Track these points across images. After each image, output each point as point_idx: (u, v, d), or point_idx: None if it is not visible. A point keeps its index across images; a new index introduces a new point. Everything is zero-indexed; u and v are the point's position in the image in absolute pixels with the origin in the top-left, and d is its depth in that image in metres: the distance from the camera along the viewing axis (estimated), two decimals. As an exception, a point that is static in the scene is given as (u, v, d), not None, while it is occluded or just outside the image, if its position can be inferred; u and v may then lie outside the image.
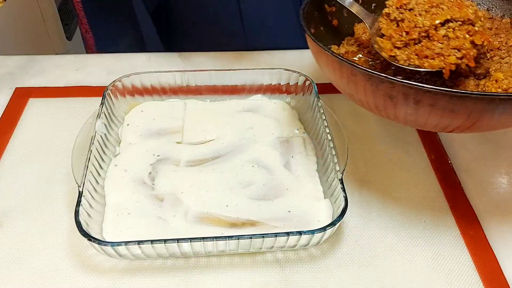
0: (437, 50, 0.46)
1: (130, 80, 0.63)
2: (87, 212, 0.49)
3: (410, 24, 0.47)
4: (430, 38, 0.46)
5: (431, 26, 0.46)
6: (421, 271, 0.50)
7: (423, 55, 0.46)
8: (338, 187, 0.50)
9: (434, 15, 0.46)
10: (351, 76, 0.47)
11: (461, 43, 0.45)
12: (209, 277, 0.49)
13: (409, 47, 0.48)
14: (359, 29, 0.62)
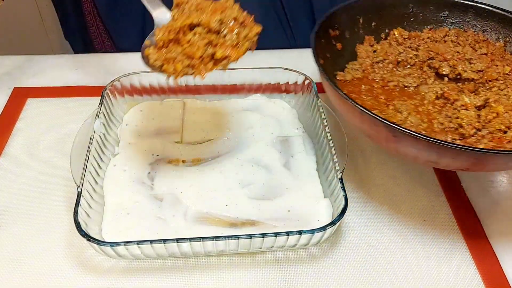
0: (174, 55, 0.43)
1: (129, 80, 0.63)
2: (86, 212, 0.48)
3: (174, 24, 0.45)
4: (179, 41, 0.43)
5: (181, 28, 0.43)
6: (421, 270, 0.50)
7: (169, 58, 0.43)
8: (338, 186, 0.50)
9: (187, 17, 0.44)
10: (373, 126, 0.48)
11: (191, 51, 0.42)
12: (208, 277, 0.49)
13: (164, 48, 0.44)
14: (362, 52, 0.62)
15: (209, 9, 0.44)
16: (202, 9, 0.45)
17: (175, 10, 0.47)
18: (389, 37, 0.64)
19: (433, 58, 0.60)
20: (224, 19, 0.43)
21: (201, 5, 0.45)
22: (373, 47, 0.63)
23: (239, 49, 0.44)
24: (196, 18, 0.43)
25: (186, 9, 0.46)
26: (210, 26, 0.43)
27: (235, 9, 0.45)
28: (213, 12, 0.44)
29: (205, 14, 0.43)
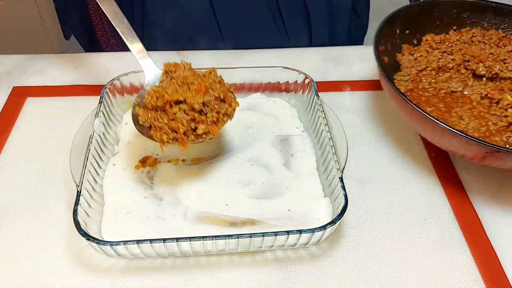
0: (160, 125, 0.48)
1: (129, 79, 0.62)
2: (86, 212, 0.48)
3: (162, 92, 0.49)
4: (166, 111, 0.48)
5: (169, 101, 0.48)
6: (421, 269, 0.50)
7: (154, 125, 0.48)
8: (338, 185, 0.50)
9: (174, 91, 0.48)
10: (452, 138, 0.51)
11: (177, 126, 0.47)
12: (208, 277, 0.49)
13: (152, 112, 0.49)
14: (405, 61, 0.64)
15: (194, 86, 0.49)
16: (188, 84, 0.50)
17: (164, 75, 0.52)
18: (422, 43, 0.67)
19: (469, 60, 0.64)
20: (207, 101, 0.48)
21: (188, 79, 0.50)
22: (414, 55, 0.65)
23: (219, 125, 0.50)
24: (181, 96, 0.48)
25: (174, 78, 0.51)
26: (194, 107, 0.48)
27: (217, 87, 0.50)
28: (197, 91, 0.48)
29: (191, 93, 0.48)
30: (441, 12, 0.67)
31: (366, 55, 0.79)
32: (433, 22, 0.67)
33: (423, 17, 0.66)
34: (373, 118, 0.67)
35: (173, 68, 0.52)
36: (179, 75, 0.51)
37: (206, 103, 0.48)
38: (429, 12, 0.67)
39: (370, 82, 0.73)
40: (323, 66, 0.76)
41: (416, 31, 0.66)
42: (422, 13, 0.66)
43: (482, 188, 0.59)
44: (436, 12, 0.67)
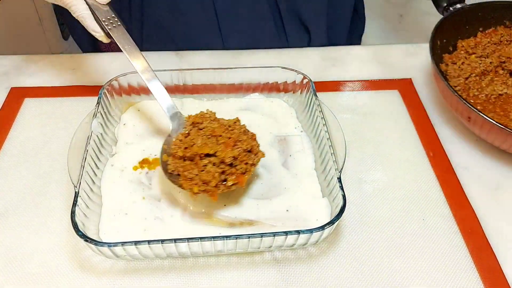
0: (191, 176, 0.49)
1: (127, 79, 0.62)
2: (84, 213, 0.48)
3: (190, 142, 0.51)
4: (196, 163, 0.50)
5: (199, 153, 0.49)
6: (420, 269, 0.50)
7: (184, 175, 0.49)
8: (336, 185, 0.50)
9: (204, 144, 0.50)
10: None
11: (209, 179, 0.48)
12: (207, 277, 0.49)
13: (181, 161, 0.50)
14: (451, 71, 0.67)
15: (223, 139, 0.51)
16: (216, 136, 0.51)
17: (190, 126, 0.54)
18: (457, 50, 0.70)
19: (505, 61, 0.67)
20: (237, 155, 0.50)
21: (216, 132, 0.51)
22: (456, 64, 0.67)
23: (247, 175, 0.50)
24: (212, 149, 0.49)
25: (201, 129, 0.53)
26: (225, 161, 0.49)
27: (244, 138, 0.52)
28: (227, 145, 0.50)
29: (220, 146, 0.50)
30: (470, 17, 0.70)
31: (364, 55, 0.79)
32: (463, 27, 0.70)
33: (454, 25, 0.69)
34: (371, 118, 0.67)
35: (199, 119, 0.54)
36: (206, 126, 0.53)
37: (237, 158, 0.50)
38: (460, 19, 0.70)
39: (369, 82, 0.73)
40: (321, 66, 0.76)
41: (450, 38, 0.69)
42: (455, 21, 0.69)
43: (481, 188, 0.59)
44: (465, 18, 0.70)
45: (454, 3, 0.69)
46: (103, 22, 0.55)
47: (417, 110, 0.69)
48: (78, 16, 0.55)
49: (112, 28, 0.55)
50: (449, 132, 0.66)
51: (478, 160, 0.62)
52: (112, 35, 0.55)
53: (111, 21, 0.55)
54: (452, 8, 0.69)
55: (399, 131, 0.66)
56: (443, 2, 0.70)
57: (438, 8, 0.71)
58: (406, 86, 0.73)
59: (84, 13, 0.55)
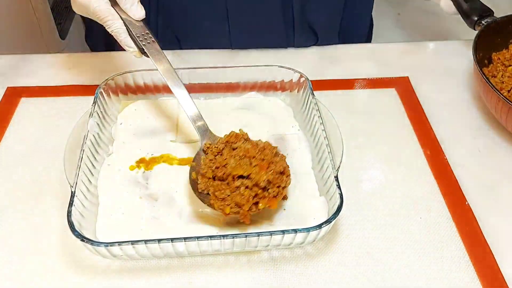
0: (223, 196, 0.48)
1: (123, 78, 0.62)
2: (80, 212, 0.48)
3: (222, 162, 0.50)
4: (228, 183, 0.49)
5: (231, 174, 0.49)
6: (417, 267, 0.50)
7: (215, 195, 0.49)
8: (333, 184, 0.50)
9: (238, 166, 0.49)
10: None
11: (242, 202, 0.48)
12: (204, 277, 0.49)
13: (211, 180, 0.50)
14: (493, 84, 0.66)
15: (256, 161, 0.49)
16: (250, 157, 0.50)
17: (222, 145, 0.53)
18: (493, 62, 0.70)
19: None
20: (271, 178, 0.49)
21: (250, 153, 0.50)
22: (497, 77, 0.68)
23: (278, 198, 0.49)
24: (246, 172, 0.48)
25: (235, 151, 0.52)
26: (259, 184, 0.48)
27: (276, 160, 0.51)
28: (261, 168, 0.49)
29: (254, 169, 0.49)
30: (502, 29, 0.71)
31: (361, 53, 0.79)
32: (496, 40, 0.71)
33: (488, 38, 0.70)
34: (369, 116, 0.67)
35: (233, 139, 0.53)
36: (240, 147, 0.52)
37: (270, 180, 0.49)
38: (493, 32, 0.70)
39: (366, 80, 0.73)
40: (318, 64, 0.76)
41: (485, 52, 0.70)
42: (488, 34, 0.70)
43: (477, 185, 0.59)
44: (497, 31, 0.71)
45: (485, 16, 0.71)
46: (138, 38, 0.55)
47: (414, 108, 0.69)
48: (112, 31, 0.55)
49: (146, 44, 0.55)
50: (446, 130, 0.66)
51: (475, 158, 0.62)
52: (146, 51, 0.55)
53: (145, 37, 0.55)
54: (484, 21, 0.70)
55: (396, 129, 0.66)
56: (474, 16, 0.71)
57: (469, 22, 0.72)
58: (403, 84, 0.73)
59: (119, 28, 0.55)
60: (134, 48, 0.56)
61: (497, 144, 0.64)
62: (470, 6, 0.72)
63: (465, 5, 0.72)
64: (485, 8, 0.72)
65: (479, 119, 0.68)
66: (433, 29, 1.43)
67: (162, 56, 0.55)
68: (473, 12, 0.71)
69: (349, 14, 0.81)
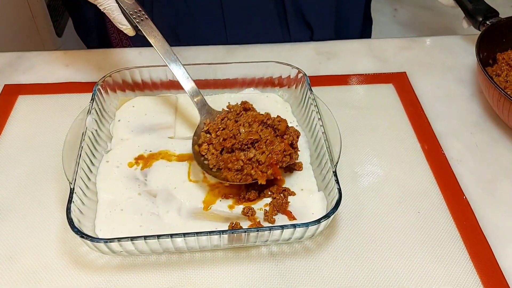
0: (236, 167, 0.50)
1: (121, 75, 0.62)
2: (79, 209, 0.48)
3: (229, 134, 0.52)
4: (235, 156, 0.51)
5: (242, 142, 0.51)
6: (416, 261, 0.51)
7: (226, 166, 0.50)
8: (332, 179, 0.50)
9: (250, 132, 0.51)
10: None
11: (255, 176, 0.50)
12: (204, 272, 0.49)
13: (219, 155, 0.52)
14: (497, 82, 0.66)
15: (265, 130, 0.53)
16: (259, 122, 0.53)
17: (221, 121, 0.54)
18: (498, 62, 0.70)
19: None
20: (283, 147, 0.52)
21: (258, 118, 0.53)
22: (501, 76, 0.68)
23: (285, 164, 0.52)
24: (259, 135, 0.51)
25: (240, 121, 0.54)
26: (275, 151, 0.51)
27: (291, 133, 0.54)
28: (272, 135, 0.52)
29: (267, 131, 0.52)
30: (506, 30, 0.71)
31: (358, 49, 0.79)
32: (500, 40, 0.72)
33: (492, 38, 0.70)
34: (367, 112, 0.68)
35: (234, 112, 0.55)
36: (245, 114, 0.54)
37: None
38: (497, 32, 0.71)
39: (363, 76, 0.73)
40: (316, 60, 0.76)
41: (489, 51, 0.70)
42: (492, 35, 0.70)
43: (475, 180, 0.59)
44: (502, 31, 0.71)
45: (490, 17, 0.71)
46: (131, 16, 0.55)
47: (412, 104, 0.69)
48: (105, 9, 0.55)
49: (139, 21, 0.55)
50: (444, 126, 0.66)
51: (473, 153, 0.62)
52: (140, 28, 0.55)
53: (138, 14, 0.56)
54: (488, 22, 0.71)
55: (394, 124, 0.66)
56: (479, 16, 0.72)
57: (474, 22, 0.73)
58: (401, 79, 0.73)
59: (111, 6, 0.55)
60: (127, 25, 0.56)
61: (494, 139, 0.64)
62: (475, 7, 0.73)
63: (470, 6, 0.73)
64: (490, 9, 0.72)
65: (477, 114, 0.68)
66: (430, 24, 1.44)
67: (156, 32, 0.56)
68: (478, 12, 0.72)
69: (343, 4, 0.81)
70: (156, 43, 0.55)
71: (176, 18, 0.79)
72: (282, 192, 0.53)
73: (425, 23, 1.48)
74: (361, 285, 0.48)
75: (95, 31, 0.93)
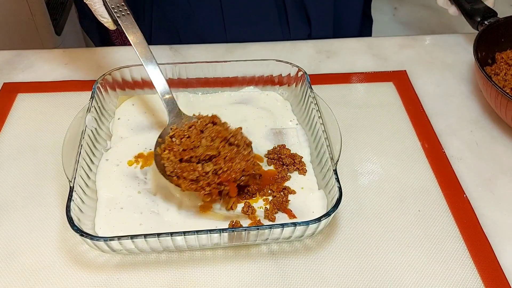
0: (191, 177, 0.49)
1: (120, 74, 0.62)
2: (79, 208, 0.48)
3: (190, 145, 0.51)
4: (192, 166, 0.50)
5: (200, 156, 0.50)
6: (416, 259, 0.50)
7: (182, 175, 0.50)
8: (332, 177, 0.50)
9: (209, 147, 0.50)
10: None
11: (208, 189, 0.49)
12: (204, 271, 0.49)
13: (177, 163, 0.51)
14: (496, 81, 0.66)
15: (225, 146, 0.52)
16: (221, 138, 0.52)
17: (187, 128, 0.54)
18: (497, 62, 0.70)
19: None
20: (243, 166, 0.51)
21: (221, 134, 0.52)
22: (500, 75, 0.68)
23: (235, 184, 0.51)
24: (217, 151, 0.50)
25: (204, 134, 0.53)
26: (232, 169, 0.50)
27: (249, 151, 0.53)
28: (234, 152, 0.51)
29: (229, 149, 0.51)
30: (505, 30, 0.71)
31: (358, 48, 0.79)
32: (499, 40, 0.71)
33: (491, 38, 0.70)
34: (367, 110, 0.67)
35: (201, 123, 0.54)
36: (209, 128, 0.53)
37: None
38: (496, 32, 0.71)
39: (363, 74, 0.73)
40: (316, 58, 0.76)
41: (488, 51, 0.70)
42: (491, 34, 0.70)
43: (476, 178, 0.59)
44: (500, 31, 0.71)
45: (488, 17, 0.71)
46: (112, 9, 0.55)
47: (412, 102, 0.69)
48: (88, 0, 0.55)
49: (120, 16, 0.55)
50: (444, 124, 0.66)
51: (473, 151, 0.62)
52: (120, 22, 0.55)
53: (120, 9, 0.55)
54: (487, 22, 0.70)
55: (394, 123, 0.66)
56: (477, 16, 0.72)
57: (472, 22, 0.72)
58: (401, 78, 0.73)
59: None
60: (108, 19, 0.56)
61: (494, 137, 0.64)
62: (473, 7, 0.72)
63: (468, 6, 0.73)
64: (488, 9, 0.72)
65: (476, 112, 0.68)
66: (430, 22, 1.44)
67: (136, 29, 0.55)
68: (476, 13, 0.72)
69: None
70: (134, 40, 0.55)
71: (176, 16, 0.79)
72: (283, 191, 0.53)
73: (425, 21, 1.48)
74: (362, 284, 0.48)
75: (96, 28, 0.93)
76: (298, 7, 0.78)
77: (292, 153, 0.56)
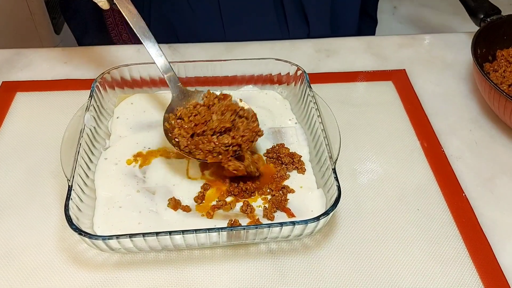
0: (208, 148, 0.51)
1: (119, 72, 0.62)
2: (77, 206, 0.48)
3: (201, 120, 0.53)
4: (207, 138, 0.52)
5: (213, 129, 0.52)
6: (415, 259, 0.50)
7: (198, 147, 0.51)
8: (331, 176, 0.50)
9: (222, 120, 0.52)
10: None
11: (224, 158, 0.51)
12: (202, 269, 0.49)
13: (190, 139, 0.52)
14: (493, 79, 0.66)
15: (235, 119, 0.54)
16: (231, 111, 0.54)
17: (193, 108, 0.55)
18: (497, 59, 0.70)
19: None
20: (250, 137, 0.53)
21: (231, 107, 0.54)
22: (498, 72, 0.68)
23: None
24: (230, 124, 0.52)
25: (213, 109, 0.54)
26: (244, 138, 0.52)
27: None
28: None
29: (240, 121, 0.53)
30: (507, 27, 0.71)
31: (358, 46, 0.79)
32: (501, 37, 0.71)
33: (492, 35, 0.70)
34: (366, 109, 0.67)
35: (207, 99, 0.55)
36: (218, 104, 0.54)
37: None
38: (498, 29, 0.71)
39: (363, 73, 0.73)
40: (315, 57, 0.76)
41: (489, 48, 0.70)
42: (493, 31, 0.70)
43: (475, 177, 0.59)
44: (503, 28, 0.71)
45: (491, 14, 0.71)
46: None
47: (411, 101, 0.69)
48: None
49: None
50: (443, 123, 0.66)
51: (472, 151, 0.62)
52: (115, 0, 0.54)
53: None
54: (489, 19, 0.70)
55: (393, 122, 0.66)
56: (480, 13, 0.72)
57: (475, 19, 0.72)
58: (400, 77, 0.73)
59: None
60: None
61: (493, 136, 0.64)
62: (477, 4, 0.72)
63: (472, 3, 0.73)
64: (492, 6, 0.72)
65: (476, 111, 0.68)
66: (430, 22, 1.43)
67: (132, 7, 0.55)
68: (479, 9, 0.72)
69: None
70: (130, 18, 0.54)
71: (174, 15, 0.79)
72: (281, 189, 0.53)
73: (425, 20, 1.48)
74: (360, 283, 0.48)
75: (92, 29, 0.93)
76: (296, 6, 0.78)
77: (291, 152, 0.56)
